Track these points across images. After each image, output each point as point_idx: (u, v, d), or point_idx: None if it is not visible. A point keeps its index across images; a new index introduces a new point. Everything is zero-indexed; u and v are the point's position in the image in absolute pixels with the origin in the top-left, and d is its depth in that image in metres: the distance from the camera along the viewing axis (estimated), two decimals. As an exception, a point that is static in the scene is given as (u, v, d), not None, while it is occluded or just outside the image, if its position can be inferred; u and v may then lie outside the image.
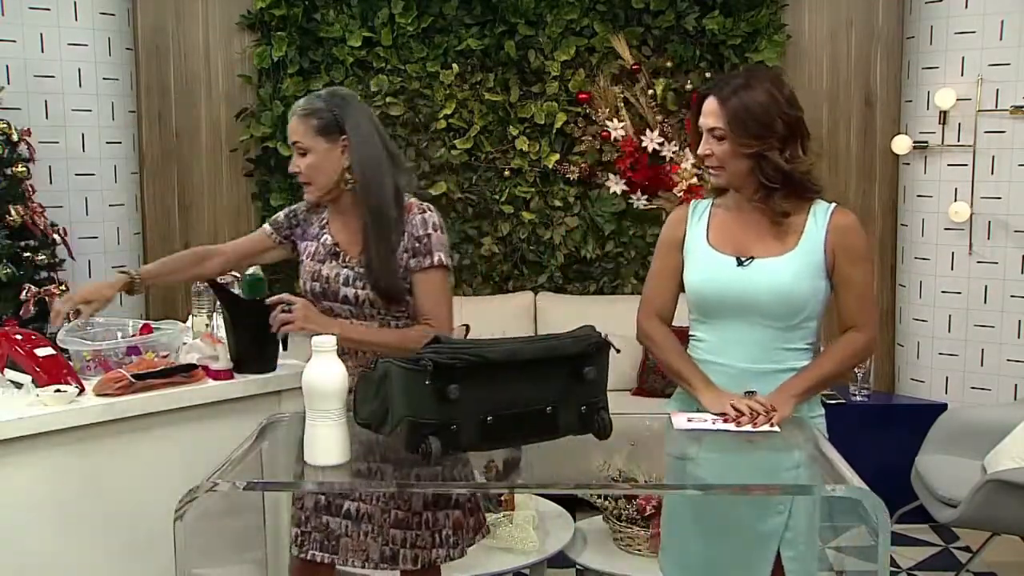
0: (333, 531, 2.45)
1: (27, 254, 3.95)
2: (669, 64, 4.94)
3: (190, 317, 3.02)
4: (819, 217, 2.22)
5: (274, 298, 2.41)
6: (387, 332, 2.44)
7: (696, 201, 2.36)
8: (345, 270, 2.45)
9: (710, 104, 2.20)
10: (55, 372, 2.53)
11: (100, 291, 2.62)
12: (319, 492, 2.38)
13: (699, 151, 2.23)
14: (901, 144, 4.67)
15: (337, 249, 2.48)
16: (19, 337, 2.64)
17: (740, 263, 2.21)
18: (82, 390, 2.51)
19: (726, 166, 2.20)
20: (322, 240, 2.52)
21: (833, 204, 2.25)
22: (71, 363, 2.71)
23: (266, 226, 2.65)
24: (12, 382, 2.59)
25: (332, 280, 2.46)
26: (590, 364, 1.94)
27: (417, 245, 2.40)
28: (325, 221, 2.54)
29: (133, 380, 2.55)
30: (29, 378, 2.50)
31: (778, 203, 2.19)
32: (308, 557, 2.47)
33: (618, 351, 2.02)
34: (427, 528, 2.41)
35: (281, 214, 2.64)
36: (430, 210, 2.44)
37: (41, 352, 2.61)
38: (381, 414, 1.88)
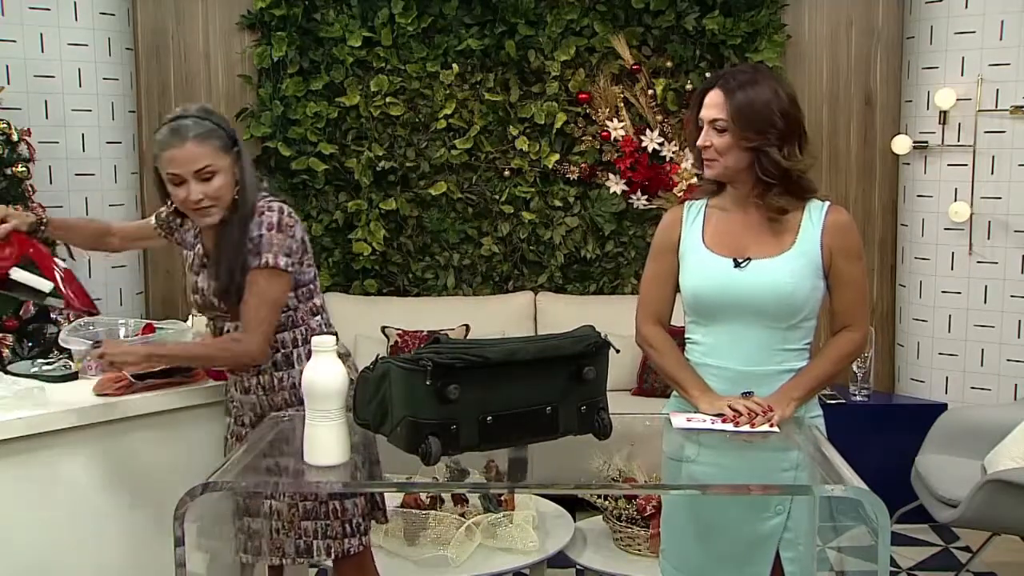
0: (256, 531, 2.48)
1: (27, 254, 3.95)
2: (669, 64, 4.94)
3: (190, 317, 3.01)
4: (814, 215, 2.21)
5: (95, 351, 2.35)
6: (193, 346, 2.52)
7: (690, 202, 2.33)
8: (215, 281, 2.42)
9: (714, 96, 2.18)
10: (76, 287, 2.51)
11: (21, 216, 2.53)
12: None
13: (699, 142, 2.20)
14: (901, 144, 4.66)
15: (207, 260, 2.46)
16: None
17: (737, 264, 2.19)
18: (96, 312, 2.53)
19: (722, 158, 2.17)
20: (196, 250, 2.52)
21: (827, 202, 2.23)
22: (71, 364, 2.71)
23: (152, 219, 2.67)
24: (29, 287, 2.46)
25: (206, 291, 2.45)
26: (590, 364, 1.94)
27: (251, 246, 2.34)
28: (198, 230, 2.52)
29: (133, 380, 2.56)
30: (50, 285, 2.45)
31: (774, 199, 2.18)
32: (239, 559, 2.53)
33: (618, 351, 2.02)
34: (336, 517, 2.43)
35: (164, 210, 2.61)
36: (270, 210, 2.36)
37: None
38: (381, 414, 1.88)
